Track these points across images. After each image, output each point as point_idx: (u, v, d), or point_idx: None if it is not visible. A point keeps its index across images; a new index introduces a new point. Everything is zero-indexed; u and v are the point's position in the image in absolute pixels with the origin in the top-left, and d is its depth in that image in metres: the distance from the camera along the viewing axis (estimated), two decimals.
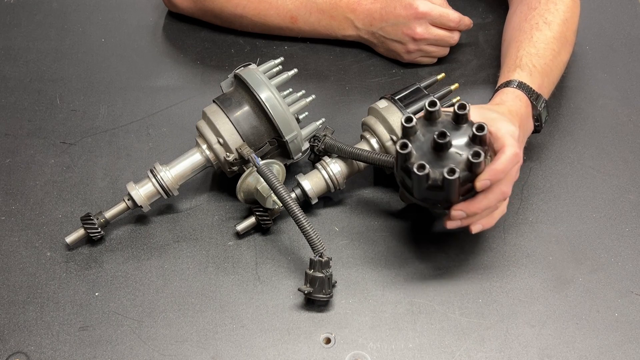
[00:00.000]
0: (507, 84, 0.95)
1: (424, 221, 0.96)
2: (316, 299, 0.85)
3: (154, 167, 0.92)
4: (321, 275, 0.84)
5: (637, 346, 0.85)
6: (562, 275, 0.91)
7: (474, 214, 0.83)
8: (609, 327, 0.87)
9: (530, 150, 1.03)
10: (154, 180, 0.91)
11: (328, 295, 0.86)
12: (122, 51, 1.17)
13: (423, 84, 0.97)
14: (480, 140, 0.79)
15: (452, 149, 0.80)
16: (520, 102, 0.92)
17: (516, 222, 0.96)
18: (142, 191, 0.91)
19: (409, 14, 1.04)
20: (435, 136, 0.78)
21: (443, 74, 1.00)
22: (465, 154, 0.79)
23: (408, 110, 0.92)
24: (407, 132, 0.81)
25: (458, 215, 0.82)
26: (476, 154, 0.77)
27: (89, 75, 1.13)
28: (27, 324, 0.86)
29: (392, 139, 0.93)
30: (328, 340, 0.86)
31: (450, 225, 0.84)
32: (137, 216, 0.96)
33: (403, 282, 0.90)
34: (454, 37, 1.09)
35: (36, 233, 0.94)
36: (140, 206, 0.91)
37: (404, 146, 0.79)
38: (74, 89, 1.11)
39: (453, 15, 1.06)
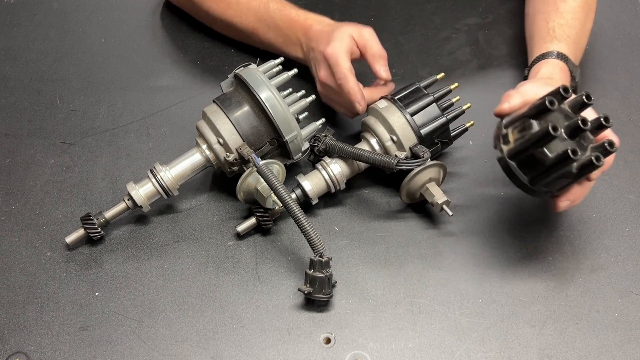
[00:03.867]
0: (547, 55, 0.96)
1: (423, 221, 0.96)
2: (316, 299, 0.85)
3: (154, 167, 0.92)
4: (321, 275, 0.84)
5: (637, 346, 0.85)
6: (562, 275, 0.91)
7: (576, 202, 0.87)
8: (609, 327, 0.87)
9: None
10: (154, 180, 0.91)
11: (328, 295, 0.86)
12: (122, 51, 1.17)
13: (423, 84, 0.97)
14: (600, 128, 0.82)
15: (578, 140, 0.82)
16: (565, 75, 0.95)
17: (516, 222, 0.96)
18: (142, 191, 0.91)
19: (321, 50, 0.97)
20: (579, 120, 0.79)
21: (442, 74, 1.00)
22: (587, 153, 0.81)
23: (408, 110, 0.92)
24: (546, 112, 0.80)
25: (566, 206, 0.85)
26: (598, 158, 0.78)
27: (89, 75, 1.13)
28: (27, 324, 0.86)
29: (392, 139, 0.93)
30: (328, 340, 0.86)
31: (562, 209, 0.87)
32: (137, 216, 0.96)
33: (403, 282, 0.90)
34: (353, 100, 0.95)
35: (36, 233, 0.94)
36: (140, 206, 0.91)
37: (552, 103, 0.79)
38: (74, 89, 1.11)
39: (341, 68, 0.94)
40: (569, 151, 0.76)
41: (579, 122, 0.79)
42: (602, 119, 0.82)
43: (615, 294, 0.90)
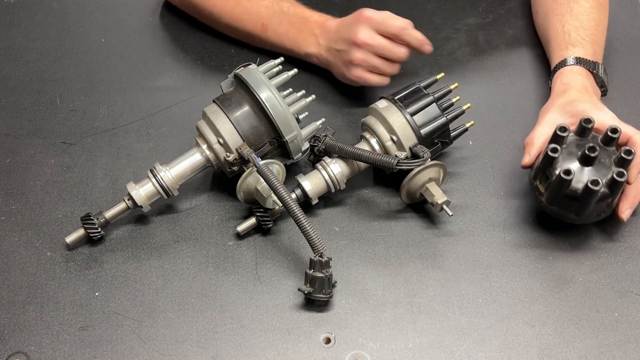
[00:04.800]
0: (563, 62, 1.01)
1: (423, 221, 0.96)
2: (316, 299, 0.85)
3: (154, 167, 0.92)
4: (321, 275, 0.84)
5: (637, 346, 0.85)
6: (562, 275, 0.91)
7: (636, 202, 0.91)
8: (609, 327, 0.87)
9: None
10: (154, 180, 0.91)
11: (328, 295, 0.86)
12: (122, 51, 1.17)
13: (423, 84, 0.97)
14: (615, 142, 0.88)
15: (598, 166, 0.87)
16: (580, 77, 0.98)
17: (516, 222, 0.96)
18: (142, 191, 0.91)
19: (354, 19, 1.01)
20: (585, 149, 0.85)
21: (442, 74, 1.00)
22: (610, 173, 0.85)
23: (408, 110, 0.92)
24: (558, 141, 0.87)
25: (628, 213, 0.91)
26: (620, 174, 0.84)
27: (89, 75, 1.13)
28: (27, 324, 0.86)
29: (392, 139, 0.93)
30: (328, 340, 0.86)
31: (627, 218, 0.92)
32: (137, 216, 0.96)
33: (403, 282, 0.90)
34: (401, 50, 1.01)
35: (36, 233, 0.94)
36: (140, 206, 0.91)
37: (554, 150, 0.86)
38: (74, 89, 1.11)
39: (398, 21, 0.99)
40: (589, 185, 0.83)
41: (586, 151, 0.85)
42: (608, 132, 0.87)
43: (615, 294, 0.89)
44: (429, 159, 0.91)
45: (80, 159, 1.02)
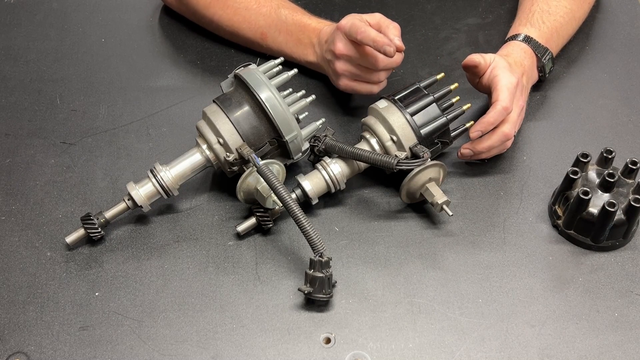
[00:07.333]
0: (515, 37, 1.05)
1: (423, 221, 0.96)
2: (316, 299, 0.85)
3: (154, 167, 0.92)
4: (321, 275, 0.84)
5: (637, 346, 0.85)
6: (562, 275, 0.91)
7: (480, 153, 0.96)
8: (609, 327, 0.87)
9: (530, 149, 1.03)
10: (154, 180, 0.91)
11: (328, 295, 0.86)
12: (122, 51, 1.17)
13: (423, 84, 0.97)
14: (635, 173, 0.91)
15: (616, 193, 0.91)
16: (524, 54, 1.02)
17: (516, 222, 0.96)
18: (142, 191, 0.91)
19: (335, 29, 0.99)
20: (605, 175, 0.89)
21: (442, 74, 1.00)
22: (631, 197, 0.88)
23: (408, 110, 0.92)
24: (579, 166, 0.92)
25: (467, 153, 0.97)
26: (637, 200, 0.87)
27: (89, 75, 1.13)
28: (27, 324, 0.86)
29: (392, 139, 0.93)
30: (328, 340, 0.86)
31: (463, 158, 0.99)
32: (137, 216, 0.96)
33: (403, 282, 0.90)
34: (377, 57, 0.97)
35: (36, 233, 0.94)
36: (140, 206, 0.91)
37: (574, 173, 0.90)
38: (74, 89, 1.11)
39: (360, 25, 0.94)
40: (606, 205, 0.86)
41: (606, 177, 0.89)
42: (628, 164, 0.91)
43: (615, 294, 0.89)
44: (429, 159, 0.91)
45: (80, 159, 1.02)
